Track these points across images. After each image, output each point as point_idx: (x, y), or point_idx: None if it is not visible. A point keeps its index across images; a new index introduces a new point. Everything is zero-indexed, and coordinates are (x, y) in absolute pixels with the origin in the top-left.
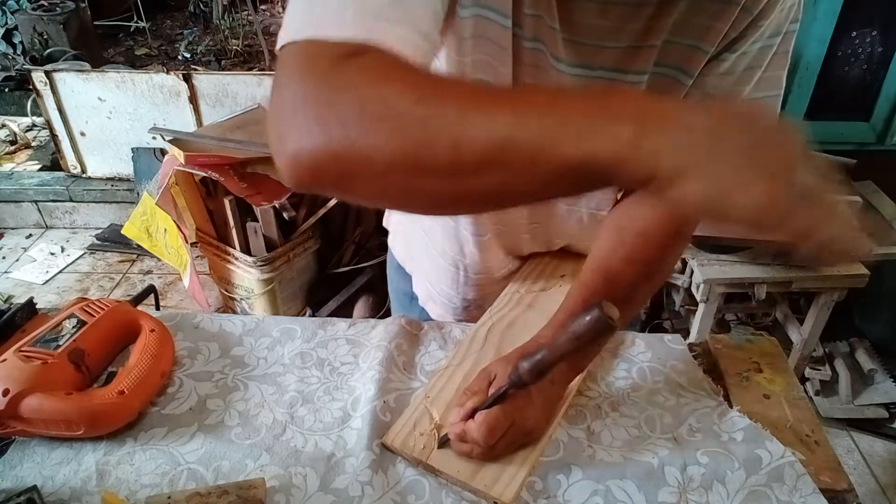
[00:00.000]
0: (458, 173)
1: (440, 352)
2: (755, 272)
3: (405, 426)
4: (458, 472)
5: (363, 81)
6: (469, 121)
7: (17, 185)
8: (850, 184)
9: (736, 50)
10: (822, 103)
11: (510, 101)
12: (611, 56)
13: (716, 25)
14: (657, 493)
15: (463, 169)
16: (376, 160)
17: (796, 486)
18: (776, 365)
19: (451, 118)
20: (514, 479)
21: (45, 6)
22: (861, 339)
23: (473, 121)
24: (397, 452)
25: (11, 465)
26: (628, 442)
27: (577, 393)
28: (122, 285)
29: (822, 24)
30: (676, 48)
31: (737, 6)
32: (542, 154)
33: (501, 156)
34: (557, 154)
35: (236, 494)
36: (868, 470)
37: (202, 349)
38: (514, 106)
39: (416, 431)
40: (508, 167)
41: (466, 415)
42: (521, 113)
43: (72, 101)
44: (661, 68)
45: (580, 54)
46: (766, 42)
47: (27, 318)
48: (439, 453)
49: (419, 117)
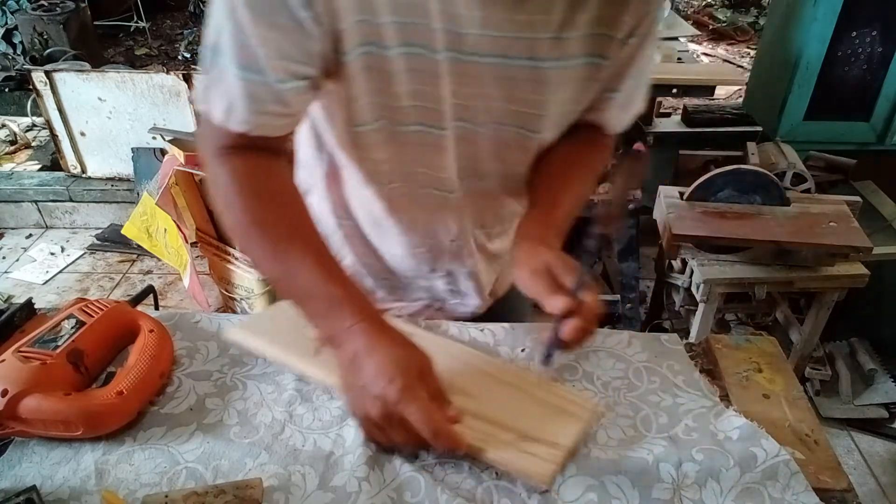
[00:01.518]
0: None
1: None
2: (755, 272)
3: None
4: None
5: (215, 192)
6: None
7: (17, 185)
8: (850, 184)
9: (636, 35)
10: (822, 103)
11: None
12: (528, 45)
13: (621, 16)
14: (651, 490)
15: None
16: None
17: (789, 484)
18: (776, 365)
19: (256, 254)
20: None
21: (45, 6)
22: (861, 339)
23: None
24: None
25: (10, 465)
26: (624, 441)
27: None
28: (121, 285)
29: (822, 24)
30: (595, 39)
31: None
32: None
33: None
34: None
35: (233, 494)
36: (868, 470)
37: (201, 349)
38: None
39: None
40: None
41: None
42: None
43: (72, 101)
44: (587, 58)
45: (499, 46)
46: (649, 26)
47: (26, 318)
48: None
49: (244, 232)
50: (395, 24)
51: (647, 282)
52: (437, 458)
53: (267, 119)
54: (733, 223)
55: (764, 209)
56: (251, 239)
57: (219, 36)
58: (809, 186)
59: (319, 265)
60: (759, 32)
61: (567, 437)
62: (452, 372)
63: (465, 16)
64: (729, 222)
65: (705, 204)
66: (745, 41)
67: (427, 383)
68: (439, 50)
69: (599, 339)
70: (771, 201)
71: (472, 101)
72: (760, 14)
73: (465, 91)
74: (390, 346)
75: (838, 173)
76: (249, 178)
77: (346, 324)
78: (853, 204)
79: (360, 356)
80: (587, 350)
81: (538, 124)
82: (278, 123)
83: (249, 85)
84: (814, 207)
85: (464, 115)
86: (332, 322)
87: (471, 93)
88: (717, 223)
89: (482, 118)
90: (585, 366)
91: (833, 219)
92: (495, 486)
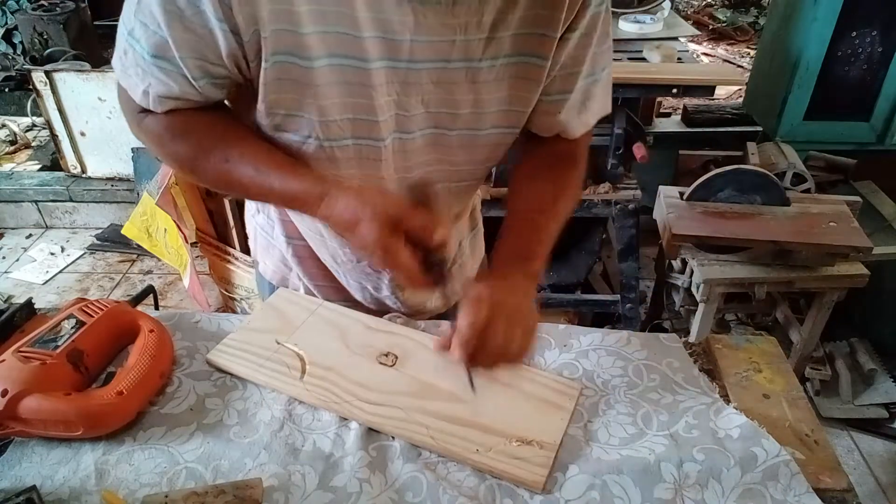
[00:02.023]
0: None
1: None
2: (755, 272)
3: None
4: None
5: (149, 142)
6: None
7: (17, 185)
8: (850, 184)
9: (574, 29)
10: (822, 103)
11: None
12: (462, 48)
13: (555, 14)
14: (653, 490)
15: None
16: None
17: (790, 485)
18: (776, 365)
19: (210, 180)
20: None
21: (45, 6)
22: (861, 339)
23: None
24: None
25: (10, 465)
26: (625, 439)
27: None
28: (122, 285)
29: (822, 24)
30: (529, 38)
31: None
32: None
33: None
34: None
35: (233, 494)
36: (868, 470)
37: (200, 348)
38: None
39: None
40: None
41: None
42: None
43: (72, 101)
44: (520, 57)
45: (435, 51)
46: (591, 22)
47: (26, 318)
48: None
49: (190, 167)
50: (319, 35)
51: (647, 282)
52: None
53: (183, 104)
54: (733, 223)
55: (764, 209)
56: (198, 171)
57: (134, 25)
58: (809, 186)
59: (259, 172)
60: (759, 32)
61: (556, 433)
62: (439, 375)
63: (397, 22)
64: (729, 222)
65: (705, 204)
66: (745, 41)
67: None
68: (372, 59)
69: (599, 338)
70: (771, 201)
71: (410, 109)
72: (760, 14)
73: (403, 100)
74: (367, 189)
75: (838, 173)
76: (176, 124)
77: (317, 191)
78: (853, 204)
79: (347, 204)
80: (586, 349)
81: (479, 122)
82: (196, 102)
83: (164, 74)
84: (814, 207)
85: (404, 125)
86: (306, 202)
87: (409, 101)
88: (717, 223)
89: (423, 124)
90: (585, 364)
91: (833, 219)
92: (497, 485)
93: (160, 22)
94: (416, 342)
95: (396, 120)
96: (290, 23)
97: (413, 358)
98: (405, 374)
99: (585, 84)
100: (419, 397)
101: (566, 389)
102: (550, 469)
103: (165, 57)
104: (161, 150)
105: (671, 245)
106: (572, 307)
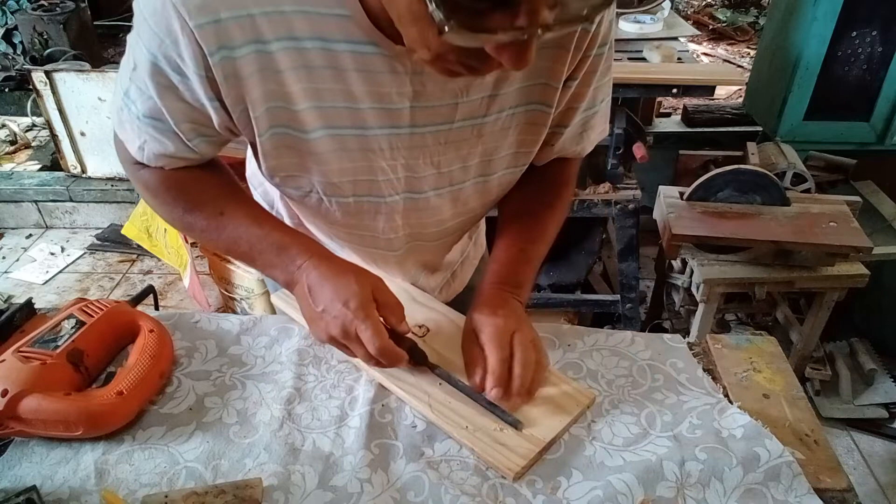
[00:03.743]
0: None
1: None
2: (755, 272)
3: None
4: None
5: (144, 192)
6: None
7: (17, 185)
8: (850, 184)
9: (576, 77)
10: (822, 103)
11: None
12: (466, 109)
13: (556, 66)
14: (656, 488)
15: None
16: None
17: (792, 486)
18: (776, 365)
19: (198, 233)
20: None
21: (45, 6)
22: (861, 339)
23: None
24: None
25: (10, 465)
26: (629, 439)
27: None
28: (122, 285)
29: (822, 24)
30: (533, 88)
31: (568, 50)
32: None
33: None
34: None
35: (233, 494)
36: (868, 470)
37: (200, 348)
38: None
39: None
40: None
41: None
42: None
43: (72, 101)
44: (527, 105)
45: (438, 115)
46: (592, 63)
47: (26, 318)
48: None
49: (180, 220)
50: (314, 110)
51: (647, 282)
52: (441, 456)
53: (177, 162)
54: (733, 223)
55: (764, 209)
56: (188, 224)
57: (129, 86)
58: (809, 186)
59: (257, 222)
60: (759, 32)
61: (548, 432)
62: (453, 347)
63: (396, 93)
64: (729, 222)
65: (705, 204)
66: (745, 41)
67: (380, 300)
68: (372, 127)
69: (602, 339)
70: (771, 201)
71: (420, 171)
72: (760, 14)
73: (411, 163)
74: (341, 273)
75: (838, 173)
76: (171, 177)
77: (297, 263)
78: (853, 204)
79: (316, 287)
80: (590, 349)
81: (490, 168)
82: (191, 160)
83: (160, 133)
84: (814, 207)
85: (415, 185)
86: (284, 267)
87: (417, 163)
88: (717, 223)
89: (435, 184)
90: (589, 364)
91: (833, 219)
92: (500, 484)
93: (152, 93)
94: (450, 320)
95: (407, 181)
96: (282, 100)
97: (442, 333)
98: (430, 346)
99: (584, 116)
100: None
101: (578, 396)
102: (532, 463)
103: (160, 119)
104: (155, 201)
105: (671, 245)
106: (572, 307)
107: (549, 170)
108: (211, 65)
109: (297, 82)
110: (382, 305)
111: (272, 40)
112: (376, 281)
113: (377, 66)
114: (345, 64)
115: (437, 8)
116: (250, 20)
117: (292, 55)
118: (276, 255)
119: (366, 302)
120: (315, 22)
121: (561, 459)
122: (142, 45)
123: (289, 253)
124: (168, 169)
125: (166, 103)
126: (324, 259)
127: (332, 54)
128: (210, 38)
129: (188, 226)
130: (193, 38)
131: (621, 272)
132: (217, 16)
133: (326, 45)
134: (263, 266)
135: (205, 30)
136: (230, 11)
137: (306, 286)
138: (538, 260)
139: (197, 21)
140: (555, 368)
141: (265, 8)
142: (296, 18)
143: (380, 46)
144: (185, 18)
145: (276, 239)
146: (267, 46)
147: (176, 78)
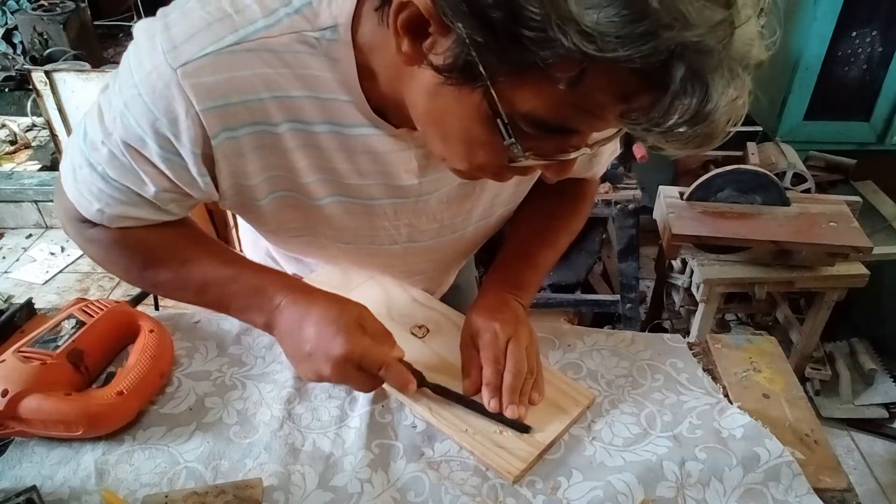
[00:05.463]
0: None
1: None
2: (755, 272)
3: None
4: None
5: (90, 248)
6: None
7: (17, 185)
8: (850, 184)
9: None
10: (822, 103)
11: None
12: None
13: None
14: (656, 487)
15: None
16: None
17: (791, 486)
18: (776, 365)
19: (164, 289)
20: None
21: (45, 6)
22: (861, 339)
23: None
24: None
25: (10, 465)
26: (629, 439)
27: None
28: (122, 285)
29: (822, 24)
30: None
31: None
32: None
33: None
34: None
35: (233, 494)
36: (868, 470)
37: (200, 348)
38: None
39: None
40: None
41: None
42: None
43: (72, 101)
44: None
45: (443, 181)
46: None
47: (26, 318)
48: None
49: (140, 278)
50: (320, 181)
51: (647, 282)
52: (442, 457)
53: (140, 223)
54: (733, 223)
55: (764, 209)
56: (149, 280)
57: (97, 144)
58: (809, 186)
59: (225, 263)
60: None
61: (548, 434)
62: (453, 347)
63: (404, 171)
64: (729, 222)
65: (705, 204)
66: None
67: (368, 329)
68: (378, 199)
69: (602, 339)
70: (771, 201)
71: (422, 226)
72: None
73: (414, 222)
74: (323, 307)
75: (838, 173)
76: (128, 235)
77: (275, 303)
78: (853, 204)
79: (298, 327)
80: (590, 349)
81: (492, 210)
82: (156, 221)
83: (127, 199)
84: (814, 207)
85: (415, 238)
86: (260, 308)
87: (420, 221)
88: (717, 223)
89: (436, 235)
90: (589, 364)
91: (833, 219)
92: (500, 484)
93: (132, 161)
94: (450, 320)
95: (409, 235)
96: (286, 171)
97: (443, 335)
98: (430, 347)
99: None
100: (436, 371)
101: (577, 396)
102: (531, 466)
103: (134, 187)
104: (107, 259)
105: (671, 245)
106: (572, 307)
107: (566, 185)
108: (212, 146)
109: (305, 158)
110: (372, 335)
111: (280, 122)
112: (361, 310)
113: (383, 147)
114: (354, 146)
115: (516, 143)
116: (259, 104)
117: (300, 136)
118: (251, 296)
119: (354, 334)
120: (325, 107)
121: (561, 459)
122: (129, 116)
123: (265, 294)
124: (124, 228)
125: (147, 173)
126: (302, 294)
127: (343, 137)
128: (215, 121)
129: (148, 281)
130: (198, 121)
131: (621, 272)
132: (227, 100)
133: (336, 128)
134: (239, 310)
135: (211, 113)
136: (240, 96)
137: (288, 327)
138: (545, 266)
139: (204, 105)
140: (555, 369)
141: (275, 93)
142: (306, 103)
143: (381, 129)
144: (193, 102)
145: (248, 279)
146: (274, 128)
147: (162, 154)
